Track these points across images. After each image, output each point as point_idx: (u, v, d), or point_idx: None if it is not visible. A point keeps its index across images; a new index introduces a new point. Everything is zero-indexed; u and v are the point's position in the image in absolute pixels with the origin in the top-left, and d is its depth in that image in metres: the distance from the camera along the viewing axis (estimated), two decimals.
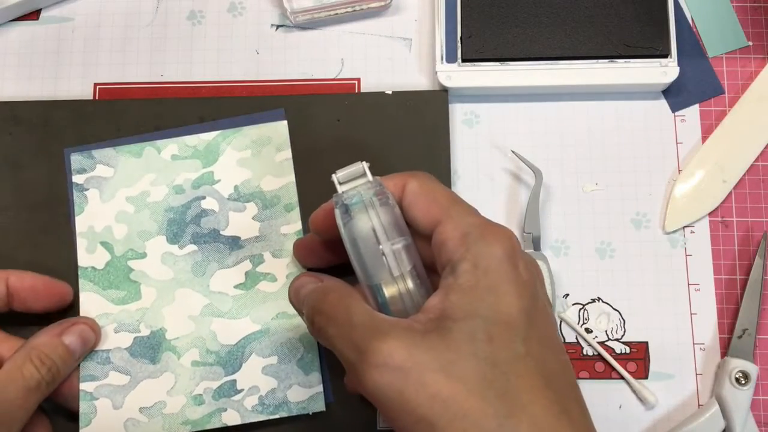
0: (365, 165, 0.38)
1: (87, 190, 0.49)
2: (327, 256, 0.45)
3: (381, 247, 0.36)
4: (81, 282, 0.47)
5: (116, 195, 0.49)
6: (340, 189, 0.38)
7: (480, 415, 0.32)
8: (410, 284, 0.36)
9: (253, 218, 0.48)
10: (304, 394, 0.45)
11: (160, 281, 0.47)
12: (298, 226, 0.48)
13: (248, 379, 0.46)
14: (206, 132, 0.50)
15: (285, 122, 0.49)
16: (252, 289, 0.47)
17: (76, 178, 0.49)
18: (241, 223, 0.48)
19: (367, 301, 0.37)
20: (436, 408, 0.32)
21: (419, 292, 0.37)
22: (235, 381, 0.46)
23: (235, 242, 0.48)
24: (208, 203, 0.48)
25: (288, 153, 0.49)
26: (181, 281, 0.47)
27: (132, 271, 0.48)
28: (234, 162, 0.49)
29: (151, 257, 0.48)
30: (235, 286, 0.47)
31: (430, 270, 0.38)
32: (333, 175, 0.39)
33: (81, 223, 0.48)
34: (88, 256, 0.48)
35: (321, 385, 0.45)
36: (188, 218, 0.48)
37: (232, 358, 0.46)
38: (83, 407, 0.45)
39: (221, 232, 0.48)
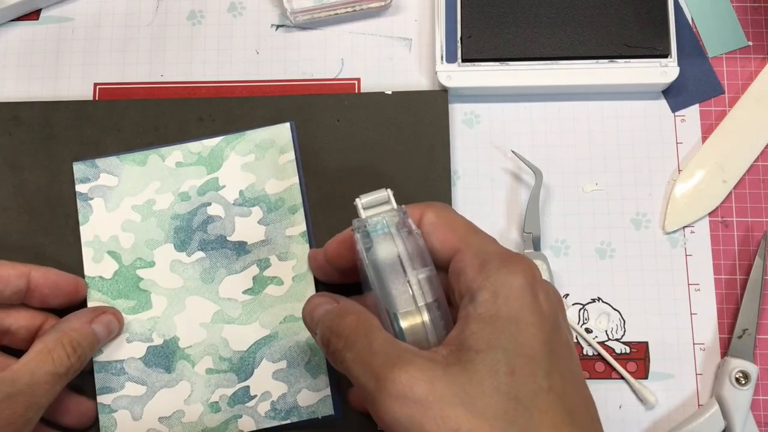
0: (390, 192, 0.38)
1: (92, 199, 0.49)
2: (340, 277, 0.44)
3: (407, 275, 0.35)
4: (89, 292, 0.47)
5: (121, 204, 0.48)
6: (363, 214, 0.38)
7: None
8: (433, 316, 0.35)
9: (258, 222, 0.48)
10: (314, 398, 0.45)
11: (169, 289, 0.47)
12: (303, 227, 0.48)
13: (260, 384, 0.46)
14: (210, 138, 0.49)
15: (288, 124, 0.49)
16: (260, 294, 0.47)
17: (80, 188, 0.49)
18: (247, 228, 0.48)
19: (385, 327, 0.35)
20: None
21: (441, 325, 0.35)
22: (248, 387, 0.46)
23: (241, 247, 0.48)
24: (214, 209, 0.48)
25: (291, 155, 0.49)
26: (190, 289, 0.47)
27: (141, 280, 0.47)
28: (238, 167, 0.49)
29: (160, 266, 0.48)
30: (244, 292, 0.47)
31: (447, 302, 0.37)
32: (357, 200, 0.38)
33: (86, 232, 0.48)
34: (95, 266, 0.48)
35: (329, 389, 0.45)
36: (195, 225, 0.48)
37: (244, 365, 0.46)
38: (103, 420, 0.45)
39: (228, 238, 0.48)
